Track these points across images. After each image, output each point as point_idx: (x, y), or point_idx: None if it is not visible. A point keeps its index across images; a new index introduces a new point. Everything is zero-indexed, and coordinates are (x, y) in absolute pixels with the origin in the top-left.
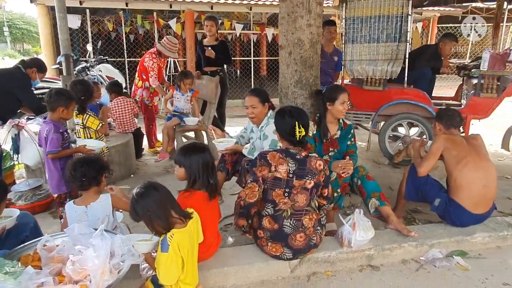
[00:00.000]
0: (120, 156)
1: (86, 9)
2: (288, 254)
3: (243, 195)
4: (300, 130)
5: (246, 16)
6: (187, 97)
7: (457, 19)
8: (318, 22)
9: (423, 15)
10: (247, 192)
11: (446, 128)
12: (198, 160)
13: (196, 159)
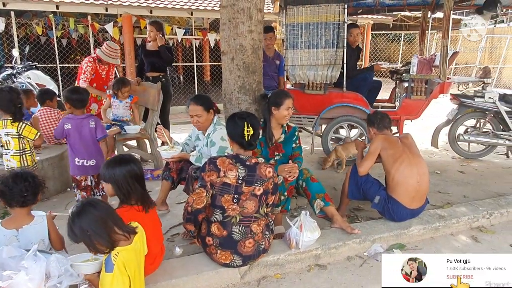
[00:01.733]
0: (54, 170)
1: (11, 11)
2: (238, 261)
3: (190, 200)
4: (249, 129)
5: (187, 21)
6: (126, 103)
7: (388, 26)
8: (259, 28)
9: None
10: (194, 198)
11: (379, 130)
12: (124, 174)
13: (121, 172)
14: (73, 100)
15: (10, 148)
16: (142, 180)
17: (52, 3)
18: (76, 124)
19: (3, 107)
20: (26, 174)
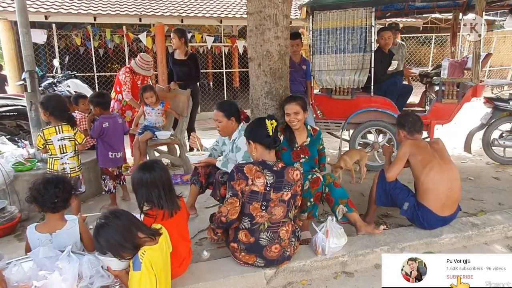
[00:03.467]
0: (90, 173)
1: (52, 24)
2: (260, 263)
3: (224, 211)
4: (271, 121)
5: (216, 28)
6: (158, 110)
7: (418, 29)
8: (285, 34)
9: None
10: (228, 208)
11: (409, 134)
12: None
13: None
14: (103, 103)
15: (67, 151)
16: (166, 186)
17: (90, 15)
18: (113, 122)
19: (56, 114)
20: (58, 179)
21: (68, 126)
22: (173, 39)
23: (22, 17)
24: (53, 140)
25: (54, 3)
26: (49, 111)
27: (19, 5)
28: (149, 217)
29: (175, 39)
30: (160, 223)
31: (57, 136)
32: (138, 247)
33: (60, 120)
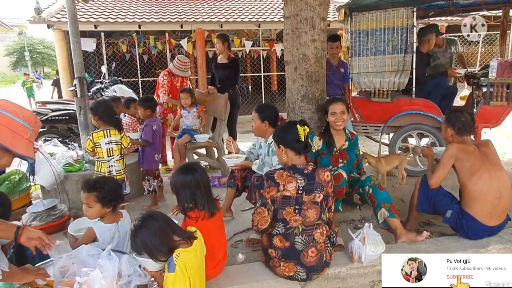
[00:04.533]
0: (132, 175)
1: (101, 32)
2: (301, 273)
3: (255, 221)
4: (304, 128)
5: (255, 33)
6: (194, 113)
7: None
8: (322, 37)
9: None
10: (258, 219)
11: (458, 134)
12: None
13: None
14: (152, 106)
15: (113, 154)
16: (206, 187)
17: (135, 23)
18: (158, 125)
19: (104, 119)
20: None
21: (116, 130)
22: (217, 44)
23: (73, 27)
24: (101, 144)
25: (103, 13)
26: (98, 116)
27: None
28: (192, 219)
29: (219, 44)
30: (199, 224)
31: (105, 140)
32: (173, 250)
33: (108, 124)
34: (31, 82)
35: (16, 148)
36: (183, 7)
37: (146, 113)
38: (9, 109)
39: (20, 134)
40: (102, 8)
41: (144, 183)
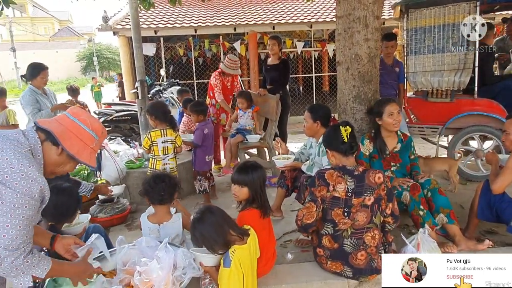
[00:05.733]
0: (187, 173)
1: (160, 37)
2: (348, 272)
3: (300, 215)
4: (346, 128)
5: (307, 33)
6: (249, 113)
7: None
8: (376, 36)
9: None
10: (304, 212)
11: None
12: (259, 178)
13: (257, 177)
14: (203, 110)
15: (168, 153)
16: (263, 187)
17: (191, 27)
18: (209, 127)
19: (160, 118)
20: (164, 176)
21: (171, 130)
22: (273, 45)
23: (136, 33)
24: (158, 142)
25: (162, 19)
26: (154, 116)
27: (134, 23)
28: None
29: (275, 45)
30: (255, 222)
31: (161, 139)
32: (228, 244)
33: (164, 123)
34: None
35: (81, 156)
36: (237, 11)
37: (199, 118)
38: (80, 118)
39: (87, 143)
40: (162, 14)
41: (196, 183)
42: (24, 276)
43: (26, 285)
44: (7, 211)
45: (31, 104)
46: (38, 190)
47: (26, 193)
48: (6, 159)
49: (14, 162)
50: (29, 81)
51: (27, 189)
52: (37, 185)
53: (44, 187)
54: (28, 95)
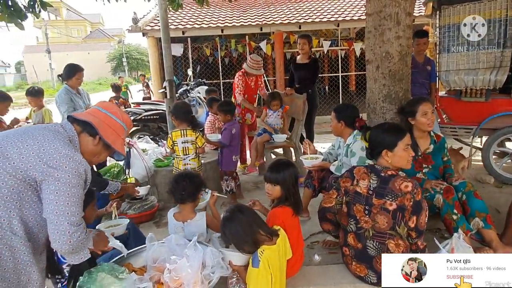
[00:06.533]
0: (214, 172)
1: (188, 38)
2: (372, 277)
3: (322, 199)
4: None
5: (333, 32)
6: (278, 113)
7: None
8: (407, 33)
9: None
10: (325, 197)
11: None
12: (291, 176)
13: (289, 175)
14: (231, 110)
15: (189, 153)
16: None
17: (218, 28)
18: (236, 127)
19: (180, 118)
20: (186, 175)
21: (191, 130)
22: (304, 44)
23: (165, 34)
24: (178, 142)
25: (190, 20)
26: (174, 116)
27: (163, 24)
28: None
29: (305, 44)
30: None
31: (181, 139)
32: (257, 244)
33: (184, 123)
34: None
35: (115, 145)
36: (263, 11)
37: (226, 118)
38: (111, 111)
39: (119, 134)
40: (189, 15)
41: (222, 183)
42: (84, 249)
43: (86, 258)
44: (65, 190)
45: (65, 103)
46: (83, 171)
47: (76, 174)
48: (53, 146)
49: (60, 148)
50: (65, 81)
51: (76, 170)
52: (82, 167)
53: (87, 169)
54: (63, 94)
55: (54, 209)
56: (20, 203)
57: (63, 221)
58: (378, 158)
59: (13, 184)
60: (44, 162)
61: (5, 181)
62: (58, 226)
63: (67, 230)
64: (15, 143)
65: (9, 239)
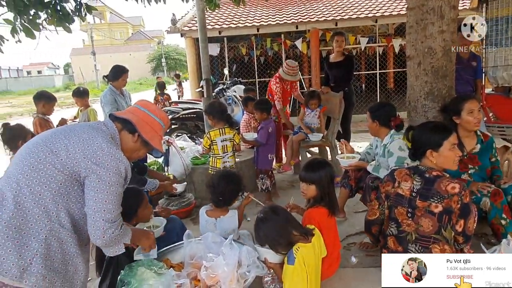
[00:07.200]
0: (249, 170)
1: (224, 38)
2: None
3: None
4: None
5: (371, 28)
6: (316, 112)
7: None
8: (452, 27)
9: None
10: (368, 209)
11: None
12: (326, 176)
13: (324, 174)
14: (267, 109)
15: (227, 151)
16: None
17: (254, 27)
18: (274, 126)
19: (217, 117)
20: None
21: (229, 128)
22: (342, 42)
23: (202, 34)
24: (217, 141)
25: (226, 20)
26: (211, 115)
27: (200, 24)
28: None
29: (343, 42)
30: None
31: (220, 138)
32: (292, 244)
33: (221, 122)
34: None
35: (153, 142)
36: (299, 8)
37: (262, 116)
38: (150, 109)
39: (157, 131)
40: (226, 15)
41: (258, 181)
42: (119, 244)
43: (120, 251)
44: (104, 188)
45: (110, 104)
46: (124, 169)
47: (116, 172)
48: (96, 144)
49: (103, 146)
50: (111, 82)
51: (116, 168)
52: (123, 165)
53: (127, 167)
54: (108, 95)
55: (92, 205)
56: (67, 197)
57: (98, 218)
58: (422, 158)
59: (61, 179)
60: (89, 158)
61: (53, 176)
62: (94, 222)
63: (102, 226)
64: (62, 140)
65: (58, 231)
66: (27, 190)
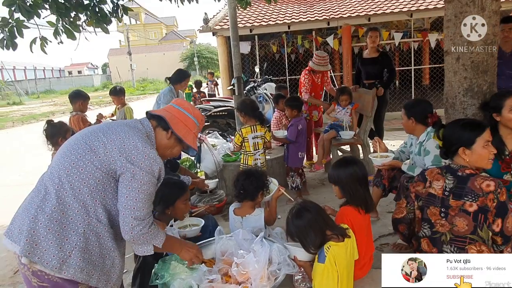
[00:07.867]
0: (280, 168)
1: (255, 36)
2: None
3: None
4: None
5: (406, 23)
6: (348, 109)
7: None
8: (493, 20)
9: None
10: (396, 207)
11: None
12: (348, 175)
13: (345, 174)
14: (298, 106)
15: (259, 148)
16: (366, 182)
17: (284, 24)
18: (304, 123)
19: (249, 114)
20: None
21: (260, 126)
22: (376, 38)
23: (234, 32)
24: (249, 138)
25: (257, 18)
26: (243, 112)
27: (232, 23)
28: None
29: (377, 37)
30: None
31: (252, 135)
32: (324, 243)
33: (253, 119)
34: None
35: (187, 140)
36: (330, 4)
37: (293, 113)
38: (184, 107)
39: (190, 129)
40: (257, 13)
41: (288, 179)
42: (147, 244)
43: (148, 253)
44: (136, 187)
45: (166, 103)
46: (157, 169)
47: (149, 172)
48: (132, 143)
49: (139, 145)
50: (173, 84)
51: (150, 168)
52: (156, 165)
53: (161, 167)
54: (168, 94)
55: (124, 202)
56: (104, 193)
57: (128, 215)
58: (454, 157)
59: (99, 176)
60: (124, 157)
61: (92, 173)
62: (124, 218)
63: (130, 223)
64: (101, 138)
65: (95, 225)
66: (68, 186)
